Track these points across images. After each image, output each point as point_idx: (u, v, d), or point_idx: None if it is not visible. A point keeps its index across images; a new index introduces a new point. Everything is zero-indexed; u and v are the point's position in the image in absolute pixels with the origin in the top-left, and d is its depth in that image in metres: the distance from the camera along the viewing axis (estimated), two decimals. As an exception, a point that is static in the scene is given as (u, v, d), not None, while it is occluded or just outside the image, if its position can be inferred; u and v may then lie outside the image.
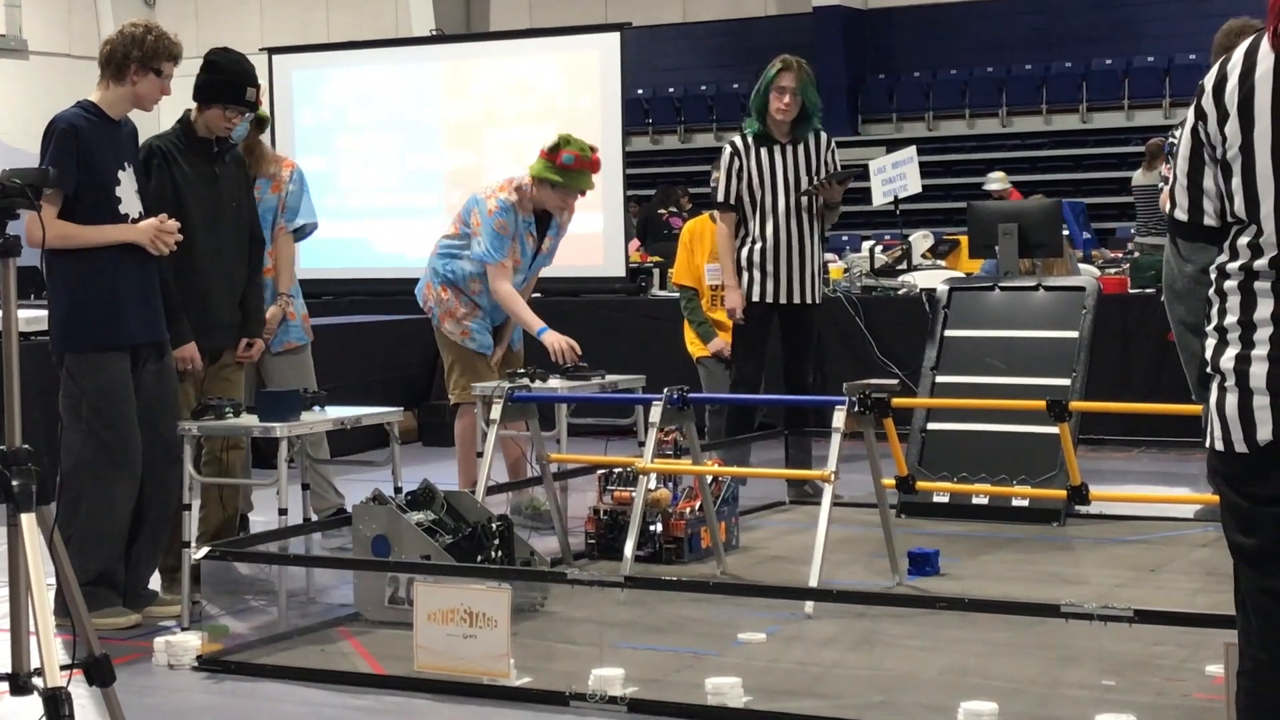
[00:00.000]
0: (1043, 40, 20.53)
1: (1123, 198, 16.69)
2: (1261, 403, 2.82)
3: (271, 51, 12.79)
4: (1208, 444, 2.98)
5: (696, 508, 6.65)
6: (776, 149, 7.86)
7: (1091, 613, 4.48)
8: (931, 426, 7.71)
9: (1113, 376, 9.15)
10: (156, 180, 6.10)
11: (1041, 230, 8.22)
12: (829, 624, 5.58)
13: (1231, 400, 2.88)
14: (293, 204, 7.05)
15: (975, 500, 7.39)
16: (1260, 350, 2.83)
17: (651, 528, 6.63)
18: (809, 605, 5.69)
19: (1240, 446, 2.87)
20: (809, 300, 7.93)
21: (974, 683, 4.85)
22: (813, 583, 5.67)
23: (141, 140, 6.09)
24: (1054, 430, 6.45)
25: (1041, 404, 6.26)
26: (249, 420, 5.89)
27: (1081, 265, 10.85)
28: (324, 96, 12.48)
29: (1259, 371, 2.83)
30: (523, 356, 7.69)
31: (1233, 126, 2.88)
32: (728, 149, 7.90)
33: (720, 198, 7.89)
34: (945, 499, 7.47)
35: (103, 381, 5.68)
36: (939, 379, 7.83)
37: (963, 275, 10.06)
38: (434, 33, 19.86)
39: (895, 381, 6.54)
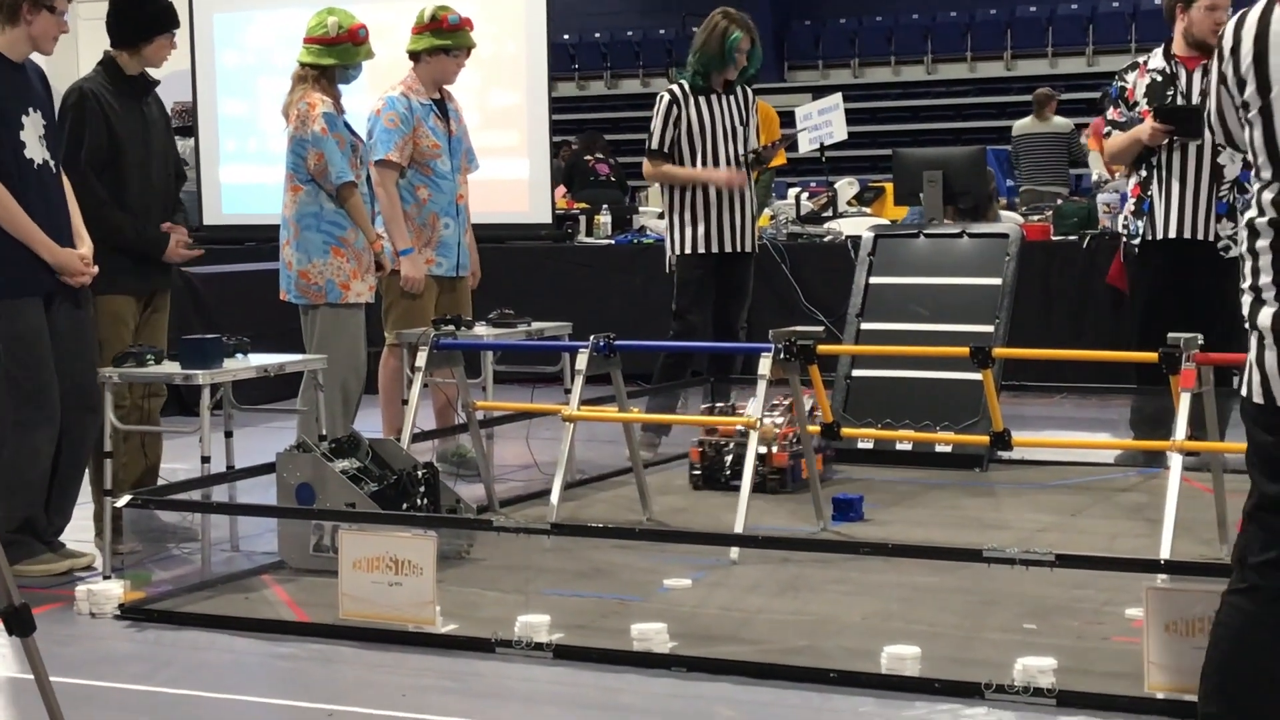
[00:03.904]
0: (968, -13, 20.60)
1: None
2: None
3: (193, -7, 12.59)
4: (1244, 392, 3.07)
5: (793, 438, 6.80)
6: (714, 98, 7.87)
7: (1013, 557, 4.52)
8: (856, 373, 7.74)
9: (1035, 323, 9.22)
10: (91, 124, 6.03)
11: (966, 177, 8.26)
12: (754, 570, 5.60)
13: (1271, 358, 2.96)
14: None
15: (899, 446, 7.43)
16: None
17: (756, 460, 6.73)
18: (734, 551, 5.72)
19: None
20: (746, 249, 7.95)
21: (897, 626, 4.90)
22: (738, 529, 5.70)
23: (65, 86, 6.01)
24: (977, 376, 6.48)
25: (965, 350, 6.30)
26: (171, 367, 5.84)
27: (1004, 213, 10.91)
28: (247, 39, 12.31)
29: None
30: (469, 294, 7.61)
31: (1251, 91, 2.97)
32: (666, 96, 7.89)
33: (655, 144, 7.86)
34: (870, 445, 7.51)
35: (19, 328, 5.61)
36: (864, 326, 7.86)
37: (888, 222, 10.09)
38: (358, -24, 19.64)
39: (821, 328, 6.56)
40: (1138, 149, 7.02)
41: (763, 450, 6.69)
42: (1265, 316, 2.97)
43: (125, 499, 5.55)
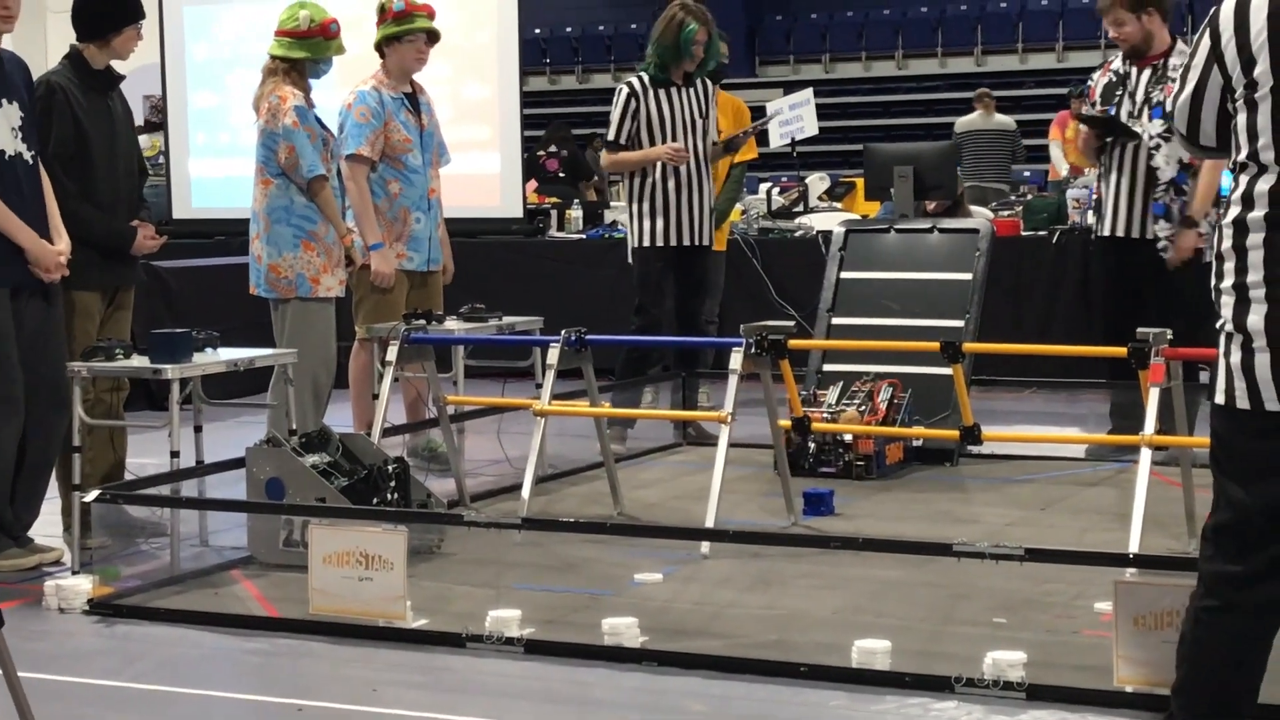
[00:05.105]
0: (939, -17, 20.65)
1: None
2: None
3: (162, -15, 12.52)
4: (1221, 401, 2.92)
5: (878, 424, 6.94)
6: (674, 90, 7.87)
7: (983, 551, 4.53)
8: (827, 368, 7.75)
9: (1005, 318, 9.25)
10: (59, 118, 6.00)
11: (937, 173, 8.28)
12: (725, 564, 5.61)
13: (1264, 361, 2.83)
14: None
15: (870, 441, 7.44)
16: None
17: (840, 447, 6.96)
18: (705, 545, 5.72)
19: (1274, 405, 2.84)
20: (704, 242, 7.95)
21: (867, 621, 4.91)
22: (709, 523, 5.70)
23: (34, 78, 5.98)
24: (947, 371, 6.50)
25: (935, 345, 6.31)
26: (139, 361, 5.82)
27: (975, 208, 10.94)
28: (217, 31, 12.25)
29: None
30: (440, 288, 7.59)
31: (1261, 70, 2.84)
32: (624, 89, 7.88)
33: (612, 136, 7.86)
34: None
35: (-15, 322, 5.58)
36: (835, 321, 7.87)
37: (859, 217, 10.10)
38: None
39: (791, 323, 6.56)
40: (1088, 148, 7.30)
41: (848, 438, 6.93)
42: (1255, 319, 2.83)
43: (94, 494, 5.52)
